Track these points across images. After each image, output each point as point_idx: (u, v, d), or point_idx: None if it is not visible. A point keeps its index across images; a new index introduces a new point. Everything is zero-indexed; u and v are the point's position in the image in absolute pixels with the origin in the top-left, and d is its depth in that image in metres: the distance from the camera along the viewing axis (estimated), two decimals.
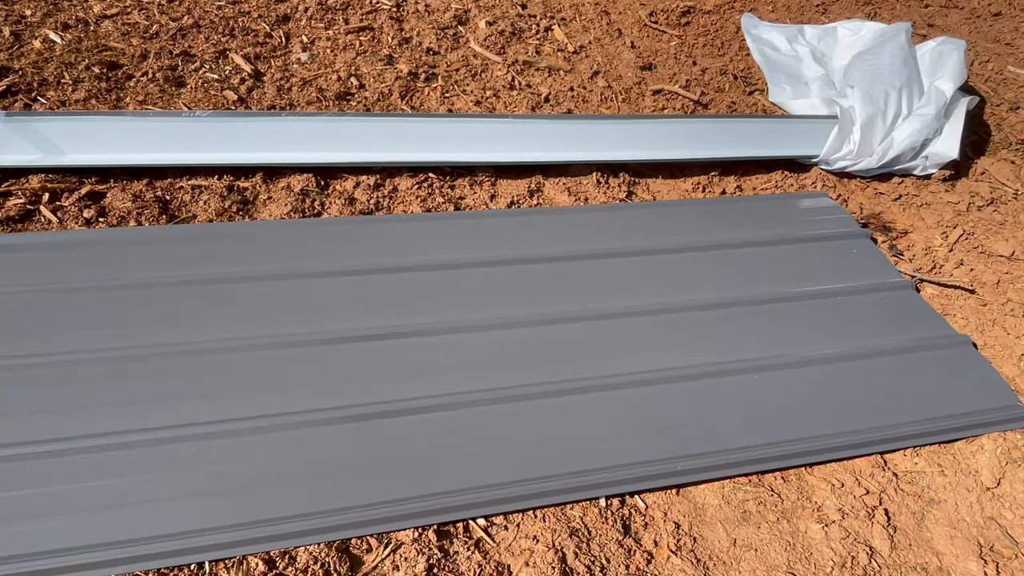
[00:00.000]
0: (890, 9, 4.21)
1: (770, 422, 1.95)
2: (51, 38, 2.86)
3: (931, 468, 1.99)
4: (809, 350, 2.16)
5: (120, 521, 1.51)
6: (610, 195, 2.65)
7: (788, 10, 3.99)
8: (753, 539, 1.76)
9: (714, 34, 3.66)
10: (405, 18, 3.41)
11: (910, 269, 2.62)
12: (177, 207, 2.32)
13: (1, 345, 1.77)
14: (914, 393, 2.09)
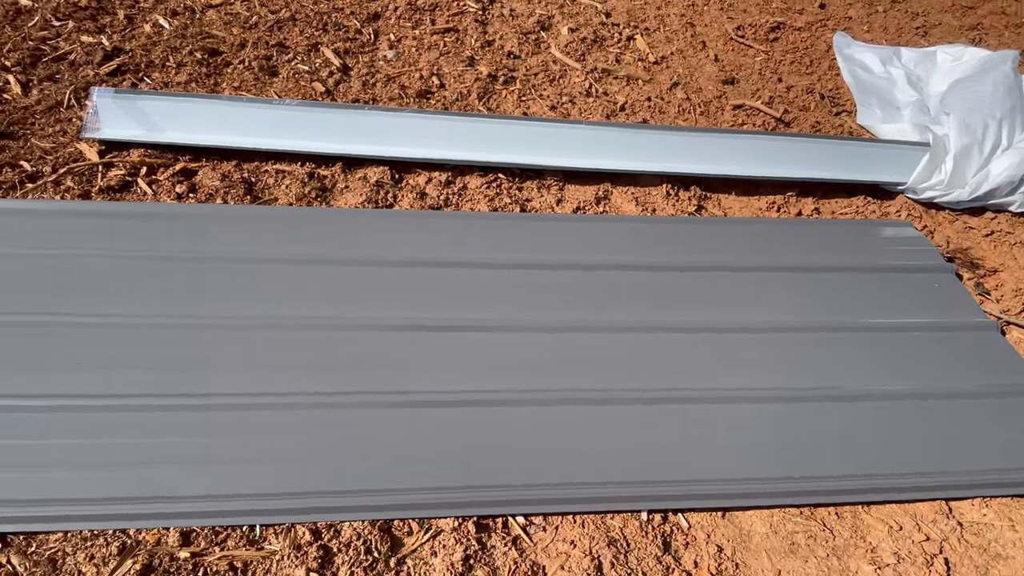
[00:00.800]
0: (997, 35, 3.98)
1: (828, 454, 1.87)
2: (160, 23, 3.07)
3: (1001, 521, 1.86)
4: (878, 384, 2.06)
5: (185, 477, 1.60)
6: (679, 208, 2.61)
7: (885, 31, 3.83)
8: (799, 573, 1.70)
9: (803, 52, 3.55)
10: (490, 21, 3.47)
11: (996, 310, 2.46)
12: (261, 189, 2.45)
13: (92, 304, 1.91)
14: (989, 440, 1.96)
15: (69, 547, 1.51)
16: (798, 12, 3.86)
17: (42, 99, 2.60)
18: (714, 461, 1.82)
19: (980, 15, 4.15)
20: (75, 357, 1.78)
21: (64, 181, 2.31)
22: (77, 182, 2.31)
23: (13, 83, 2.64)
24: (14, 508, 1.51)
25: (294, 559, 1.54)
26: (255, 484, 1.62)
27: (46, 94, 2.62)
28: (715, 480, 1.79)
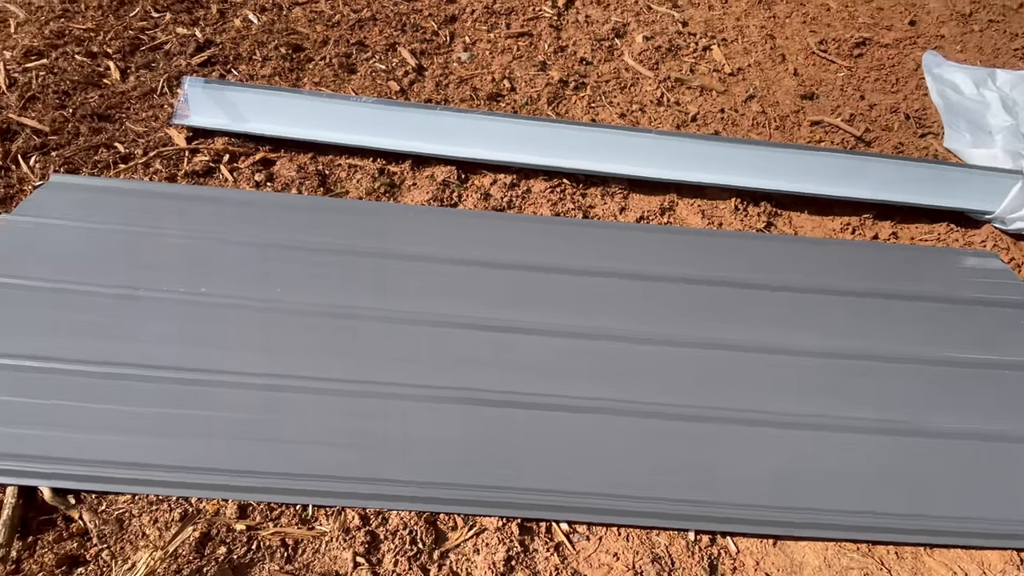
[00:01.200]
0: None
1: (891, 489, 1.79)
2: (250, 18, 3.22)
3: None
4: (952, 422, 1.95)
5: (248, 452, 1.67)
6: (747, 223, 2.55)
7: (980, 52, 3.64)
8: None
9: (889, 69, 3.41)
10: (564, 27, 3.48)
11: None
12: (333, 182, 2.52)
13: (171, 280, 2.02)
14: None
15: (136, 509, 1.60)
16: (886, 28, 3.71)
17: (138, 85, 2.76)
18: (769, 487, 1.77)
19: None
20: (153, 329, 1.88)
21: (153, 164, 2.45)
22: (165, 165, 2.44)
23: (113, 69, 2.81)
24: (89, 467, 1.61)
25: (342, 542, 1.58)
26: (311, 465, 1.67)
27: (142, 81, 2.79)
28: (769, 506, 1.73)
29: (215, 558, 1.52)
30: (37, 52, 2.82)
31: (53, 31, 2.94)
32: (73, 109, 2.59)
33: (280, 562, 1.54)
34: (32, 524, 1.57)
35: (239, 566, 1.53)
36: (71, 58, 2.82)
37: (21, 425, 1.66)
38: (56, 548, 1.52)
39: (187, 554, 1.52)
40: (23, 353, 1.79)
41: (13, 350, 1.80)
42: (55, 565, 1.49)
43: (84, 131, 2.52)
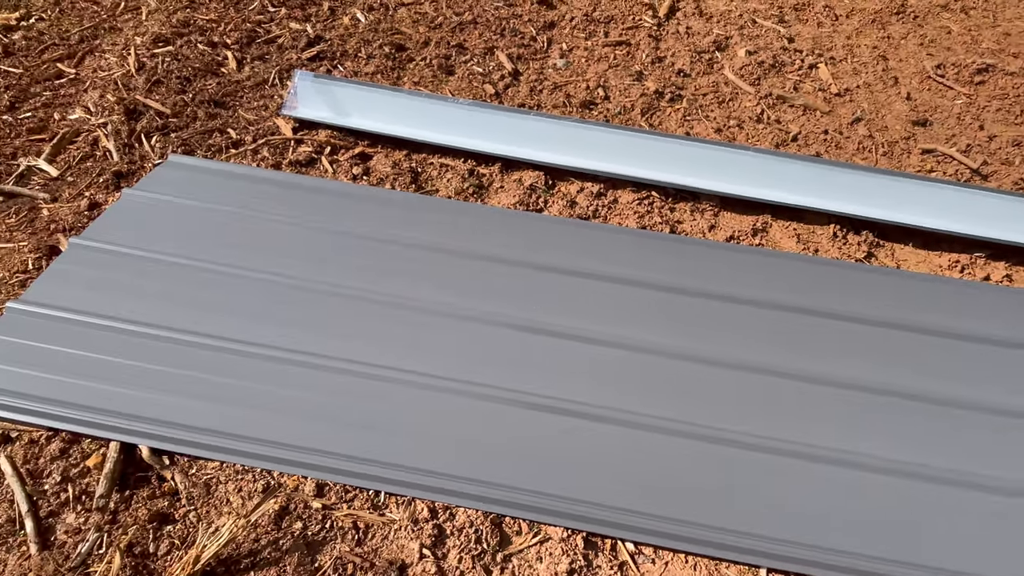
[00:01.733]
0: None
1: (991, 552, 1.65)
2: (358, 17, 3.34)
3: None
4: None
5: (330, 434, 1.74)
6: (846, 252, 2.43)
7: None
8: None
9: (1014, 99, 3.17)
10: (663, 37, 3.43)
11: None
12: (425, 180, 2.58)
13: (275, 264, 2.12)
14: None
15: (223, 476, 1.69)
16: (1012, 55, 3.45)
17: (252, 76, 2.93)
18: (853, 532, 1.67)
19: None
20: (253, 307, 1.99)
21: (261, 151, 2.59)
22: (272, 153, 2.58)
23: (231, 59, 2.99)
24: (185, 432, 1.71)
25: (410, 532, 1.61)
26: (386, 453, 1.71)
27: (255, 71, 2.95)
28: (852, 553, 1.64)
29: (291, 532, 1.59)
30: (164, 39, 3.04)
31: (179, 20, 3.16)
32: (193, 94, 2.77)
33: (351, 544, 1.59)
34: (130, 479, 1.68)
35: (312, 543, 1.58)
36: (194, 46, 3.02)
37: (127, 385, 1.79)
38: (149, 504, 1.63)
39: (266, 525, 1.59)
40: (133, 319, 1.93)
41: (124, 315, 1.94)
42: (147, 520, 1.59)
43: (201, 116, 2.69)
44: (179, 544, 1.57)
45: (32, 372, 1.79)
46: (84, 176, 2.43)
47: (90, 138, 2.56)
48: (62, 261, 2.07)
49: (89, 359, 1.83)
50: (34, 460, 1.69)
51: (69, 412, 1.72)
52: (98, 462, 1.68)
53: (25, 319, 1.90)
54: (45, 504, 1.62)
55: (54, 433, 1.73)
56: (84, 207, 2.30)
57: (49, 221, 2.26)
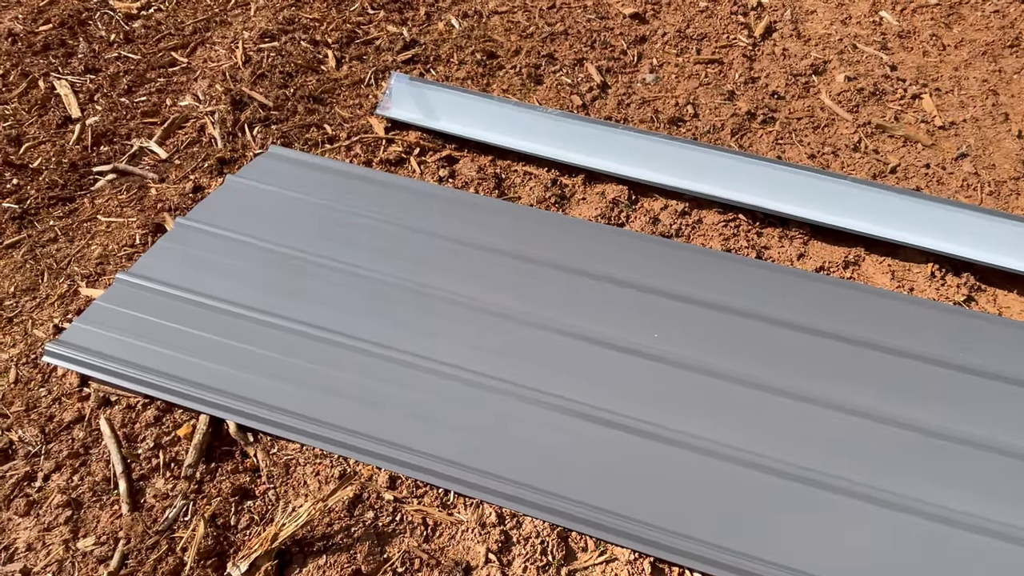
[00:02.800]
0: None
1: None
2: (452, 23, 3.42)
3: None
4: None
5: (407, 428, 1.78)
6: (943, 294, 2.31)
7: None
8: None
9: None
10: (758, 58, 3.37)
11: None
12: (508, 186, 2.62)
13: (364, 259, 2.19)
14: None
15: (302, 459, 1.75)
16: None
17: (349, 75, 3.03)
18: None
19: None
20: (347, 299, 2.06)
21: (354, 148, 2.68)
22: (364, 150, 2.66)
23: (331, 57, 3.11)
24: (270, 412, 1.79)
25: (478, 535, 1.63)
26: (459, 454, 1.74)
27: (353, 71, 3.06)
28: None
29: (363, 521, 1.63)
30: (270, 35, 3.19)
31: (285, 17, 3.31)
32: (294, 89, 2.90)
33: (419, 539, 1.61)
34: (216, 452, 1.76)
35: (383, 533, 1.62)
36: (297, 43, 3.16)
37: (220, 362, 1.88)
38: (232, 479, 1.70)
39: (340, 511, 1.64)
40: (230, 299, 2.03)
41: (222, 294, 2.04)
42: (230, 493, 1.67)
43: (300, 110, 2.81)
44: (258, 520, 1.63)
45: (134, 341, 1.90)
46: (190, 160, 2.57)
47: (198, 124, 2.71)
48: (168, 239, 2.20)
49: (187, 333, 1.93)
50: (131, 425, 1.79)
51: (166, 382, 1.82)
52: (188, 432, 1.77)
53: (132, 291, 2.02)
54: (137, 468, 1.71)
55: (150, 401, 1.84)
56: (189, 189, 2.43)
57: (157, 200, 2.40)
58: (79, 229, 2.33)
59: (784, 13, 3.66)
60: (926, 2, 3.77)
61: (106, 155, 2.60)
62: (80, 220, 2.36)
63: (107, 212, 2.38)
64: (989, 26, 3.62)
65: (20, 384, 1.88)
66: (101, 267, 2.20)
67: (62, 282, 2.15)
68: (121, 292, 2.02)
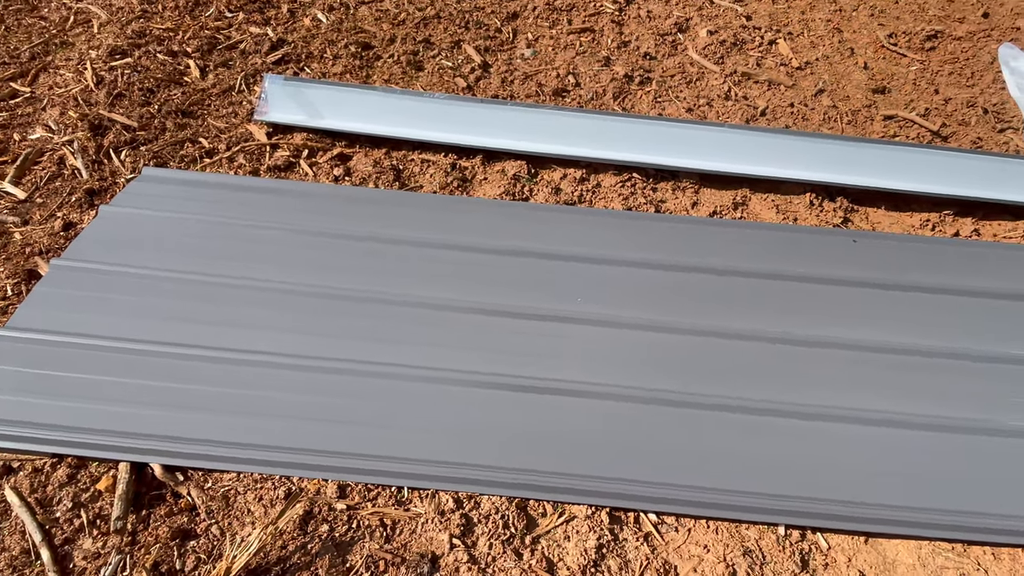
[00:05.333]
0: None
1: (986, 490, 1.76)
2: (319, 17, 3.31)
3: None
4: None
5: (343, 435, 1.74)
6: (823, 219, 2.53)
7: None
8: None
9: (963, 62, 3.34)
10: (626, 22, 3.49)
11: None
12: (408, 176, 2.59)
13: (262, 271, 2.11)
14: None
15: (241, 487, 1.68)
16: (958, 20, 3.63)
17: (217, 83, 2.88)
18: (860, 483, 1.76)
19: None
20: (246, 315, 1.97)
21: (236, 158, 2.55)
22: (248, 160, 2.54)
23: (193, 67, 2.93)
24: (196, 446, 1.70)
25: (438, 524, 1.63)
26: (405, 449, 1.73)
27: (220, 79, 2.90)
28: (859, 503, 1.72)
29: (318, 535, 1.59)
30: (121, 51, 2.96)
31: (135, 31, 3.08)
32: (158, 106, 2.71)
33: (380, 541, 1.60)
34: (144, 499, 1.66)
35: (341, 543, 1.59)
36: (153, 56, 2.95)
37: (129, 404, 1.76)
38: (168, 522, 1.61)
39: (291, 531, 1.59)
40: (126, 336, 1.89)
41: (116, 332, 1.90)
42: (169, 538, 1.57)
43: (170, 126, 2.64)
44: (206, 558, 1.55)
45: (28, 399, 1.74)
46: (54, 196, 2.35)
47: (55, 157, 2.48)
48: (45, 284, 2.01)
49: (85, 380, 1.79)
50: (41, 488, 1.64)
51: (72, 436, 1.68)
52: (109, 484, 1.65)
53: (13, 346, 1.84)
54: (59, 532, 1.58)
55: (59, 459, 1.69)
56: (59, 228, 2.24)
57: (23, 245, 2.19)
58: None
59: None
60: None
61: None
62: None
63: None
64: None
65: None
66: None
67: None
68: (1, 351, 1.84)
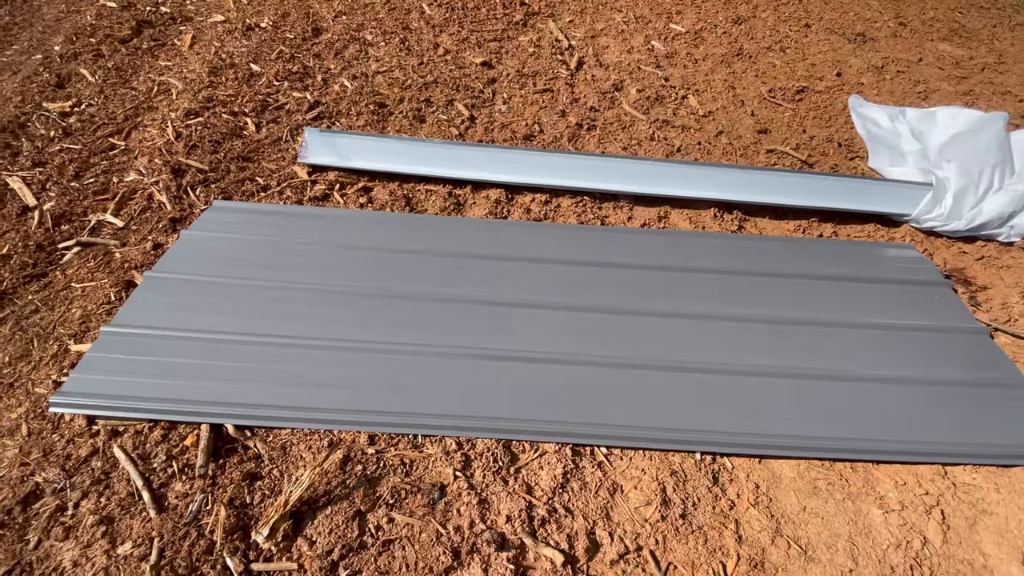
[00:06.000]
0: (987, 100, 3.66)
1: (844, 421, 1.80)
2: (346, 84, 3.26)
3: (987, 484, 1.74)
4: (885, 370, 1.96)
5: (370, 397, 1.72)
6: (724, 227, 2.56)
7: (891, 95, 3.60)
8: (820, 510, 1.65)
9: (823, 109, 3.38)
10: (576, 84, 3.49)
11: (986, 318, 2.28)
12: (416, 203, 2.57)
13: (308, 276, 2.08)
14: (979, 421, 1.84)
15: (294, 439, 1.66)
16: (819, 79, 3.68)
17: (268, 135, 2.82)
18: (754, 420, 1.79)
19: (971, 83, 3.83)
20: (298, 311, 1.95)
21: (285, 191, 2.51)
22: (294, 192, 2.50)
23: (250, 124, 2.87)
24: (259, 410, 1.68)
25: (444, 461, 1.63)
26: (420, 406, 1.72)
27: (271, 132, 2.84)
28: (754, 434, 1.75)
29: (354, 473, 1.58)
30: (194, 112, 2.89)
31: (204, 97, 3.01)
32: (224, 153, 2.66)
33: (401, 476, 1.59)
34: (221, 451, 1.63)
35: (372, 479, 1.58)
36: (219, 116, 2.89)
37: (207, 380, 1.73)
38: (240, 467, 1.59)
39: (334, 471, 1.58)
40: (204, 329, 1.86)
41: (196, 326, 1.87)
42: (241, 479, 1.56)
43: (233, 169, 2.58)
44: (269, 494, 1.54)
45: (129, 379, 1.71)
46: (145, 224, 2.30)
47: (146, 194, 2.42)
48: (140, 291, 1.97)
49: (173, 363, 1.76)
50: (142, 446, 1.62)
51: (165, 406, 1.66)
52: (194, 441, 1.63)
53: (117, 339, 1.81)
54: (156, 479, 1.56)
55: (154, 424, 1.66)
56: (150, 247, 2.19)
57: (122, 261, 2.14)
58: (56, 298, 2.03)
59: (588, 50, 3.81)
60: (679, 32, 4.06)
61: (67, 232, 2.27)
62: (56, 290, 2.06)
63: (79, 279, 2.09)
64: (721, 44, 3.96)
65: (33, 435, 1.64)
66: (85, 325, 1.94)
67: (51, 344, 1.87)
68: (108, 342, 1.80)
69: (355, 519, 1.49)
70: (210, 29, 3.64)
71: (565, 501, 1.59)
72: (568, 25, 4.04)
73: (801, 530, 1.60)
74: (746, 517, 1.61)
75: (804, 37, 4.11)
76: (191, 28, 3.64)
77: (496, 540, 1.47)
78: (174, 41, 3.50)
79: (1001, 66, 4.03)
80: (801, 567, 1.53)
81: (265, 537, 1.40)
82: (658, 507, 1.59)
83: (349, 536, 1.46)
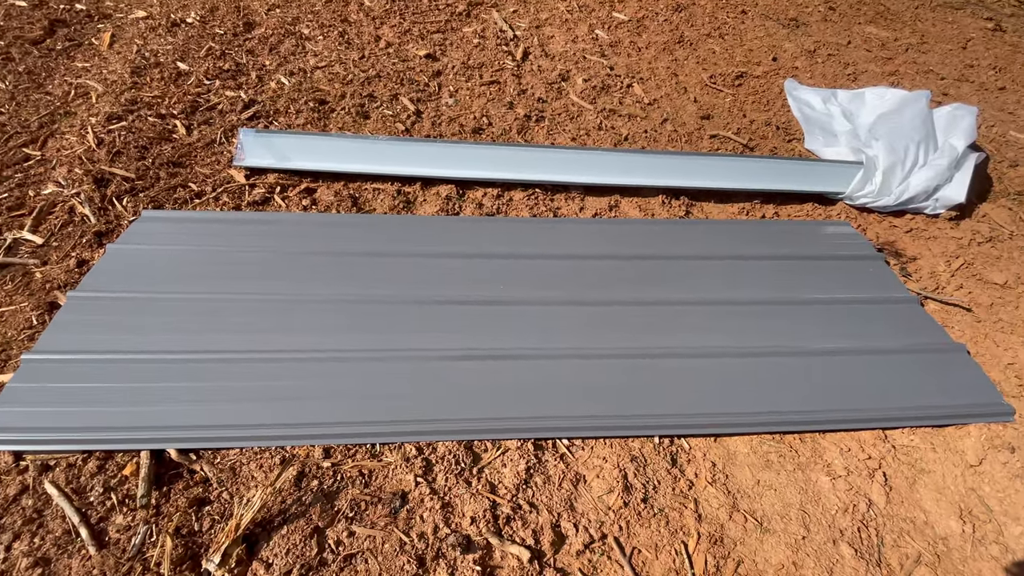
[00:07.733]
0: (911, 79, 3.87)
1: (791, 395, 1.88)
2: (282, 80, 3.11)
3: (924, 445, 1.86)
4: (827, 343, 2.05)
5: (325, 408, 1.66)
6: (672, 213, 2.60)
7: (824, 77, 3.75)
8: (773, 481, 1.71)
9: (761, 94, 3.49)
10: (523, 75, 3.46)
11: (917, 288, 2.43)
12: (363, 202, 2.48)
13: (247, 286, 1.98)
14: (914, 385, 1.95)
15: (244, 459, 1.58)
16: (756, 64, 3.79)
17: (201, 138, 2.66)
18: (707, 401, 1.83)
19: (896, 64, 4.04)
20: (237, 323, 1.84)
21: (221, 197, 2.37)
22: (231, 198, 2.37)
23: (179, 126, 2.70)
24: (203, 431, 1.59)
25: (404, 468, 1.59)
26: (374, 414, 1.67)
27: (203, 134, 2.68)
28: (708, 414, 1.80)
29: (310, 489, 1.52)
30: (117, 116, 2.69)
31: (127, 99, 2.81)
32: (152, 159, 2.49)
33: (360, 487, 1.55)
34: (164, 478, 1.54)
35: (329, 493, 1.53)
36: (145, 119, 2.70)
37: (143, 403, 1.63)
38: (186, 494, 1.50)
39: (288, 488, 1.52)
40: (135, 349, 1.74)
41: (127, 347, 1.75)
42: (187, 506, 1.47)
43: (163, 176, 2.43)
44: (219, 519, 1.46)
45: (57, 408, 1.58)
46: (67, 239, 2.13)
47: (66, 207, 2.24)
48: (64, 313, 1.82)
49: (105, 388, 1.64)
50: (76, 480, 1.50)
51: (98, 435, 1.54)
52: (133, 470, 1.52)
53: (41, 366, 1.66)
54: (94, 514, 1.45)
55: (88, 454, 1.55)
56: (73, 265, 2.02)
57: (44, 282, 1.97)
58: None
59: (534, 40, 3.78)
60: (622, 20, 4.09)
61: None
62: None
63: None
64: (663, 32, 4.01)
65: None
66: (5, 354, 1.78)
67: None
68: (31, 370, 1.65)
69: (313, 536, 1.44)
70: (131, 26, 3.39)
71: (529, 496, 1.59)
72: (512, 15, 4.00)
73: (756, 503, 1.66)
74: (704, 495, 1.66)
75: (741, 23, 4.22)
76: (110, 26, 3.38)
77: (461, 543, 1.45)
78: (91, 40, 3.24)
79: (924, 46, 4.27)
80: (758, 539, 1.59)
81: (217, 564, 1.33)
82: (620, 494, 1.61)
83: (308, 555, 1.41)
